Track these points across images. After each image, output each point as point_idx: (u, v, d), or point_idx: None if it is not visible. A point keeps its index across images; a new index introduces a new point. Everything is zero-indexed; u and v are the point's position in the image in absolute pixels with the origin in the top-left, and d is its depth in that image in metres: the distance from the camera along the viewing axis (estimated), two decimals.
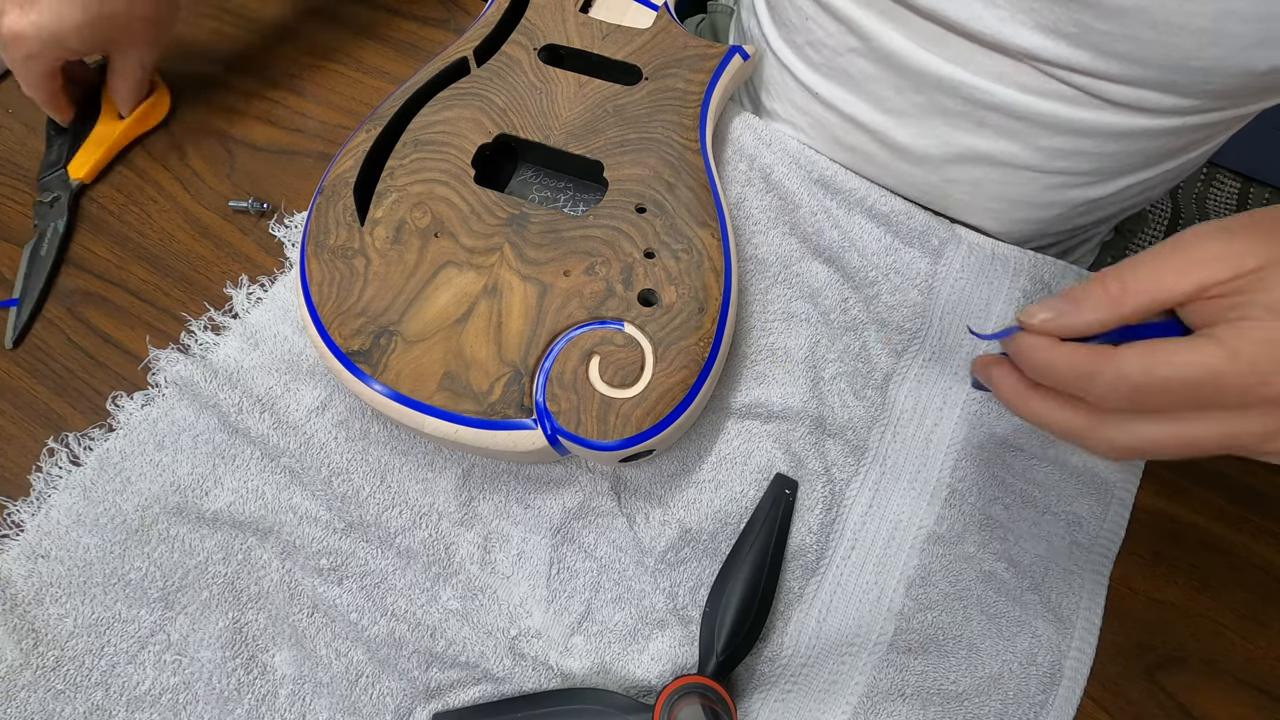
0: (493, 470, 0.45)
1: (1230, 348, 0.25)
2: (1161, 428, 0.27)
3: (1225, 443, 0.27)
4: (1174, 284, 0.27)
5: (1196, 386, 0.26)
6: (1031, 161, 0.48)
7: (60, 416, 0.47)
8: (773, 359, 0.47)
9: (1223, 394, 0.26)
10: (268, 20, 0.61)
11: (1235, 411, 0.26)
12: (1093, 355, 0.27)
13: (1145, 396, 0.27)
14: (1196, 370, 0.26)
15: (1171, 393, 0.26)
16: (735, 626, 0.39)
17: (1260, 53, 0.37)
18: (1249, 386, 0.25)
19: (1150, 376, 0.26)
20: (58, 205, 0.53)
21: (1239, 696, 0.41)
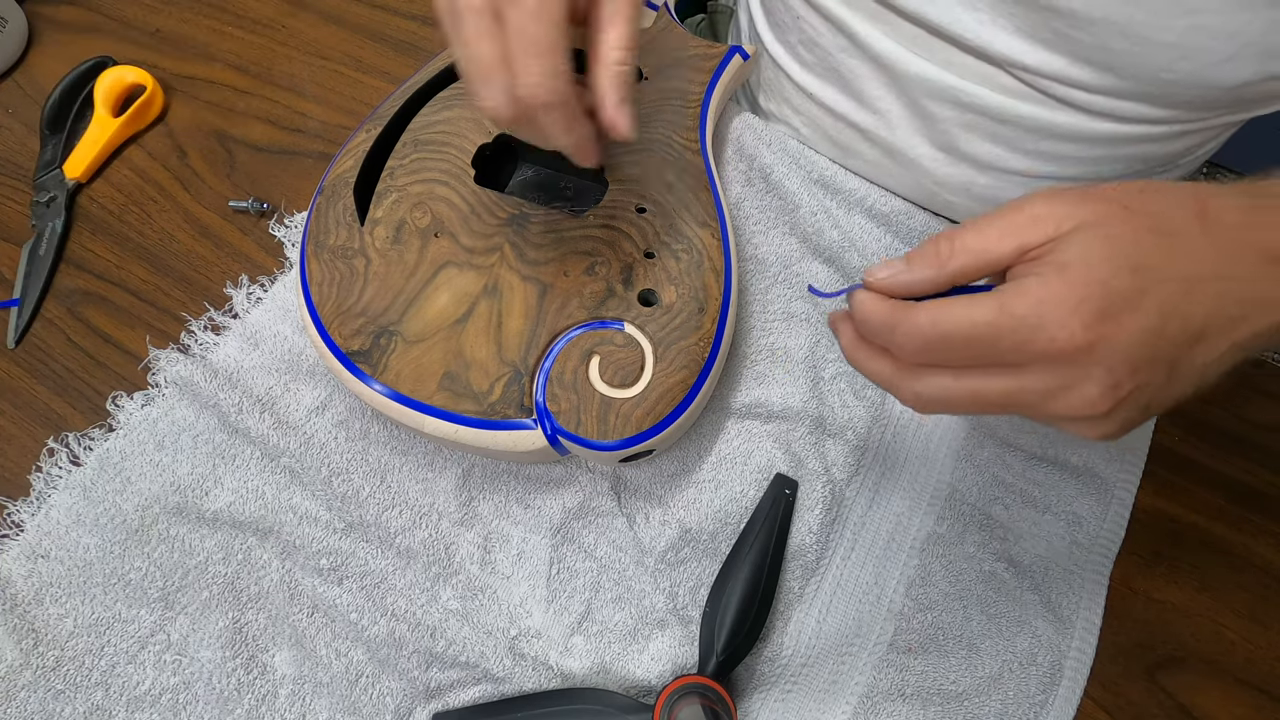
0: (493, 470, 0.45)
1: (1002, 302, 0.25)
2: (953, 381, 0.27)
3: (1007, 400, 0.27)
4: (996, 245, 0.27)
5: (973, 340, 0.26)
6: (1019, 165, 0.48)
7: (60, 416, 0.47)
8: (773, 359, 0.47)
9: (998, 349, 0.26)
10: (268, 20, 0.61)
11: (1015, 369, 0.26)
12: (894, 309, 0.28)
13: (934, 349, 0.27)
14: (970, 324, 0.26)
15: (954, 347, 0.26)
16: (735, 626, 0.39)
17: (1229, 68, 0.38)
18: (1021, 342, 0.25)
19: (935, 329, 0.26)
20: (55, 205, 0.53)
21: (1239, 696, 0.41)
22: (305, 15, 0.61)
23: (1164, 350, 0.26)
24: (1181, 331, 0.26)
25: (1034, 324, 0.25)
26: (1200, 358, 0.26)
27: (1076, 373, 0.25)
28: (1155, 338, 0.25)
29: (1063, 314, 0.25)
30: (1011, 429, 0.46)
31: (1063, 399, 0.26)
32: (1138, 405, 0.26)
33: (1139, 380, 0.26)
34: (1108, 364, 0.25)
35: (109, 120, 0.55)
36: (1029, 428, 0.46)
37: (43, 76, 0.59)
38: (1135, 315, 0.25)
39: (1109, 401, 0.26)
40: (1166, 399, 0.27)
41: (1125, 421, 0.27)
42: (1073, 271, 0.25)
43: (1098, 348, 0.25)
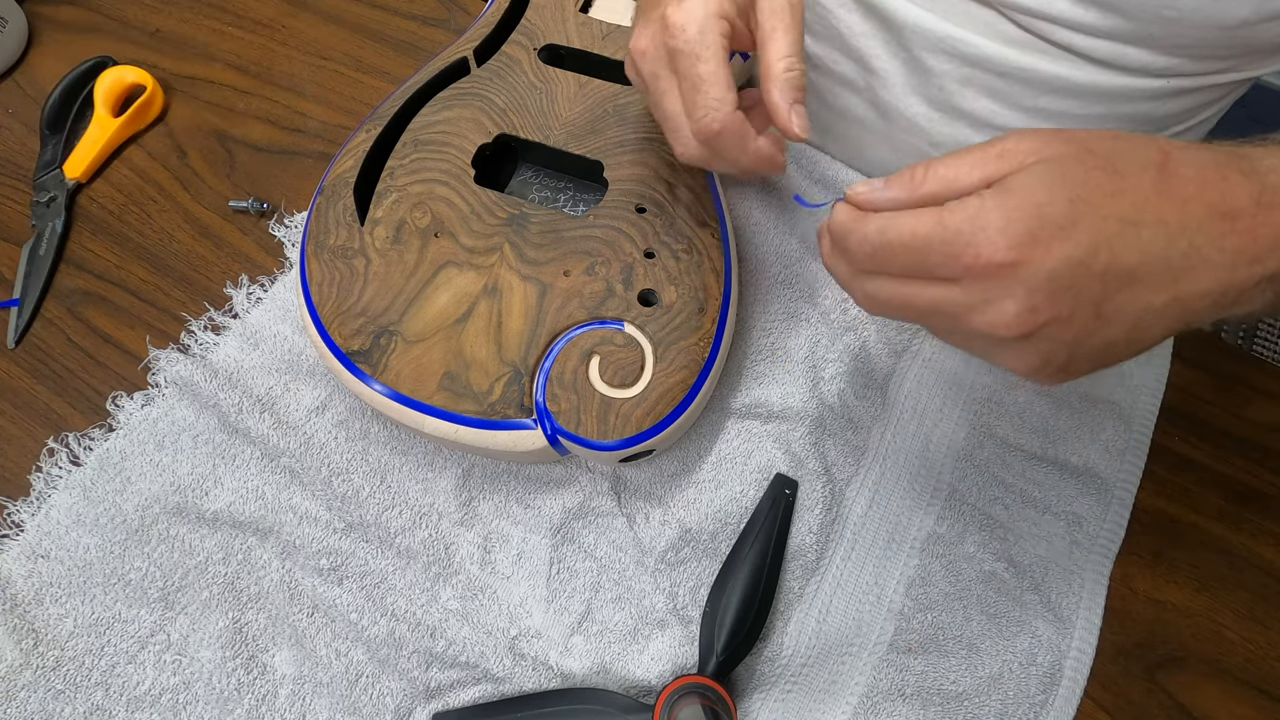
0: (493, 470, 0.45)
1: (940, 217, 0.27)
2: (894, 286, 0.29)
3: (934, 308, 0.28)
4: (966, 175, 0.28)
5: (910, 249, 0.27)
6: (1015, 123, 0.47)
7: (60, 416, 0.47)
8: (773, 359, 0.47)
9: (930, 259, 0.27)
10: (268, 20, 0.61)
11: (946, 282, 0.27)
12: (855, 217, 0.29)
13: (879, 256, 0.28)
14: (910, 234, 0.27)
15: (896, 255, 0.28)
16: (735, 626, 0.39)
17: (1229, 4, 0.38)
18: (951, 255, 0.26)
19: (880, 237, 0.28)
20: (54, 205, 0.53)
21: (1239, 696, 0.41)
22: (305, 15, 0.61)
23: (1088, 285, 0.26)
24: (1109, 269, 0.26)
25: (965, 239, 0.26)
26: (1132, 303, 0.26)
27: (997, 289, 0.26)
28: (1080, 268, 0.26)
29: (991, 232, 0.26)
30: (1012, 428, 0.46)
31: (981, 313, 0.27)
32: (1060, 340, 0.27)
33: (1059, 310, 0.26)
34: (1028, 285, 0.26)
35: (109, 120, 0.55)
36: (1030, 427, 0.46)
37: (43, 76, 0.59)
38: (1063, 243, 0.25)
39: (1025, 324, 0.26)
40: (1095, 343, 0.27)
41: (1048, 355, 0.27)
42: (1012, 195, 0.26)
43: (1020, 268, 0.26)
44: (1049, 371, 0.28)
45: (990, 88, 0.46)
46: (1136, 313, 0.27)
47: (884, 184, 0.30)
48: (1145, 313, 0.27)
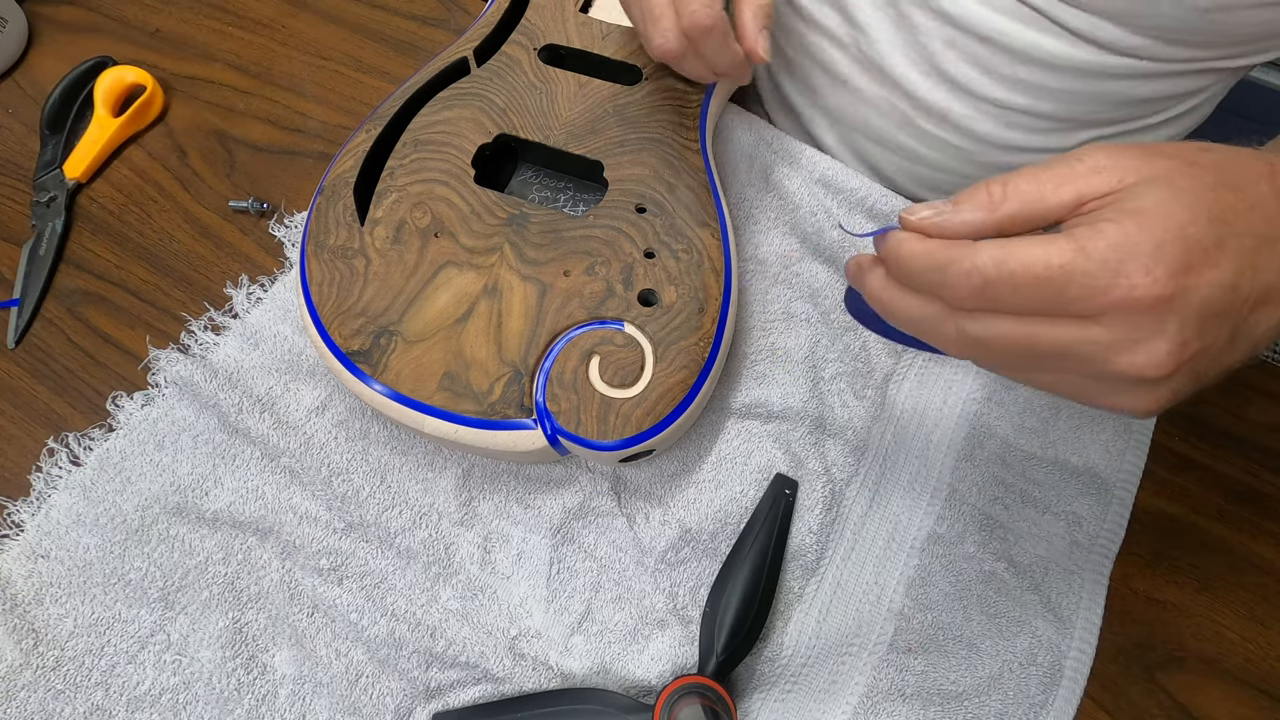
0: (493, 470, 0.45)
1: (1080, 244, 0.24)
2: (1009, 325, 0.25)
3: (1065, 350, 0.25)
4: (1053, 192, 0.25)
5: (1043, 282, 0.24)
6: (995, 94, 0.48)
7: (60, 416, 0.47)
8: (773, 359, 0.47)
9: (1068, 293, 0.24)
10: (268, 20, 0.61)
11: (1083, 320, 0.24)
12: (946, 247, 0.26)
13: (993, 292, 0.25)
14: (1044, 264, 0.24)
15: (1020, 288, 0.24)
16: (735, 626, 0.39)
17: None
18: (1095, 287, 0.23)
19: (1000, 269, 0.24)
20: (54, 205, 0.53)
21: (1239, 696, 0.41)
22: (305, 15, 0.61)
23: (1235, 310, 0.24)
24: (1251, 290, 0.24)
25: (1113, 268, 0.23)
26: (1261, 323, 0.25)
27: (1150, 324, 0.23)
28: (1230, 294, 0.24)
29: (1145, 259, 0.23)
30: (1012, 428, 0.46)
31: (1129, 354, 0.24)
32: (1194, 371, 0.25)
33: (1205, 340, 0.24)
34: (1182, 317, 0.23)
35: (109, 120, 0.55)
36: (1029, 427, 0.46)
37: (43, 76, 0.59)
38: (1213, 268, 0.23)
39: (1175, 361, 0.24)
40: (1220, 366, 0.25)
41: (1177, 391, 0.25)
42: (1149, 217, 0.23)
43: (1176, 299, 0.23)
44: (1162, 405, 0.26)
45: (972, 53, 0.47)
46: (1261, 332, 0.25)
47: (953, 206, 0.26)
48: (1267, 330, 0.25)
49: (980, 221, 0.26)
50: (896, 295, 0.28)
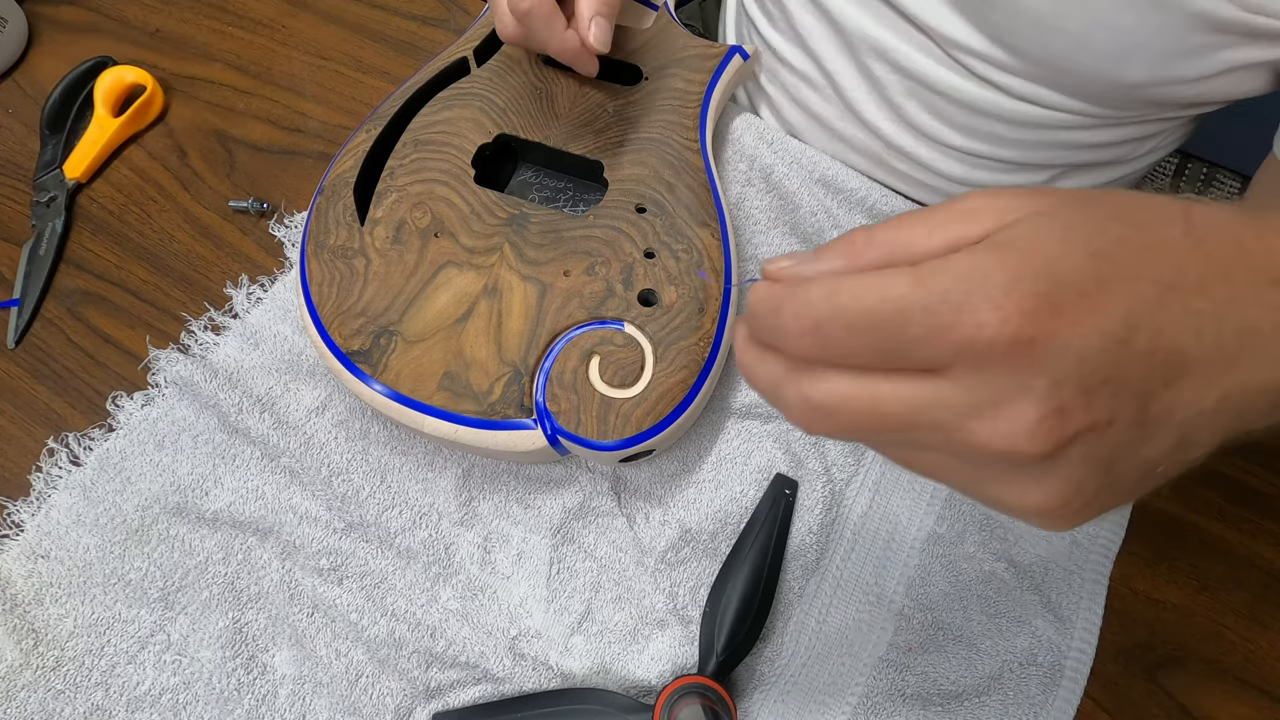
0: (493, 470, 0.45)
1: (920, 274, 0.19)
2: (851, 385, 0.20)
3: (915, 416, 0.19)
4: (924, 238, 0.20)
5: (878, 321, 0.19)
6: (955, 141, 0.49)
7: (60, 416, 0.47)
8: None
9: (908, 333, 0.19)
10: (268, 20, 0.61)
11: (928, 375, 0.19)
12: (785, 287, 0.21)
13: (827, 334, 0.20)
14: (877, 299, 0.19)
15: (854, 329, 0.19)
16: (735, 626, 0.39)
17: (1123, 67, 0.39)
18: (936, 325, 0.18)
19: (830, 304, 0.20)
20: (54, 205, 0.53)
21: (1239, 696, 0.41)
22: (305, 15, 0.61)
23: (1132, 373, 0.18)
24: (1155, 351, 0.18)
25: (955, 302, 0.18)
26: (1183, 403, 0.19)
27: (1011, 382, 0.18)
28: (1119, 349, 0.18)
29: (994, 291, 0.18)
30: None
31: (989, 421, 0.18)
32: (1096, 460, 0.19)
33: (1095, 414, 0.18)
34: (1053, 374, 0.18)
35: (109, 120, 0.55)
36: None
37: (43, 76, 0.59)
38: (1092, 313, 0.18)
39: (1052, 436, 0.18)
40: (1135, 464, 0.20)
41: (1080, 485, 0.19)
42: (1011, 248, 0.19)
43: (1039, 347, 0.18)
44: (1074, 508, 0.20)
45: (929, 103, 0.48)
46: (1187, 416, 0.19)
47: (813, 255, 0.22)
48: (1196, 416, 0.19)
49: (840, 270, 0.21)
50: (752, 354, 0.23)
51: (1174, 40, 0.37)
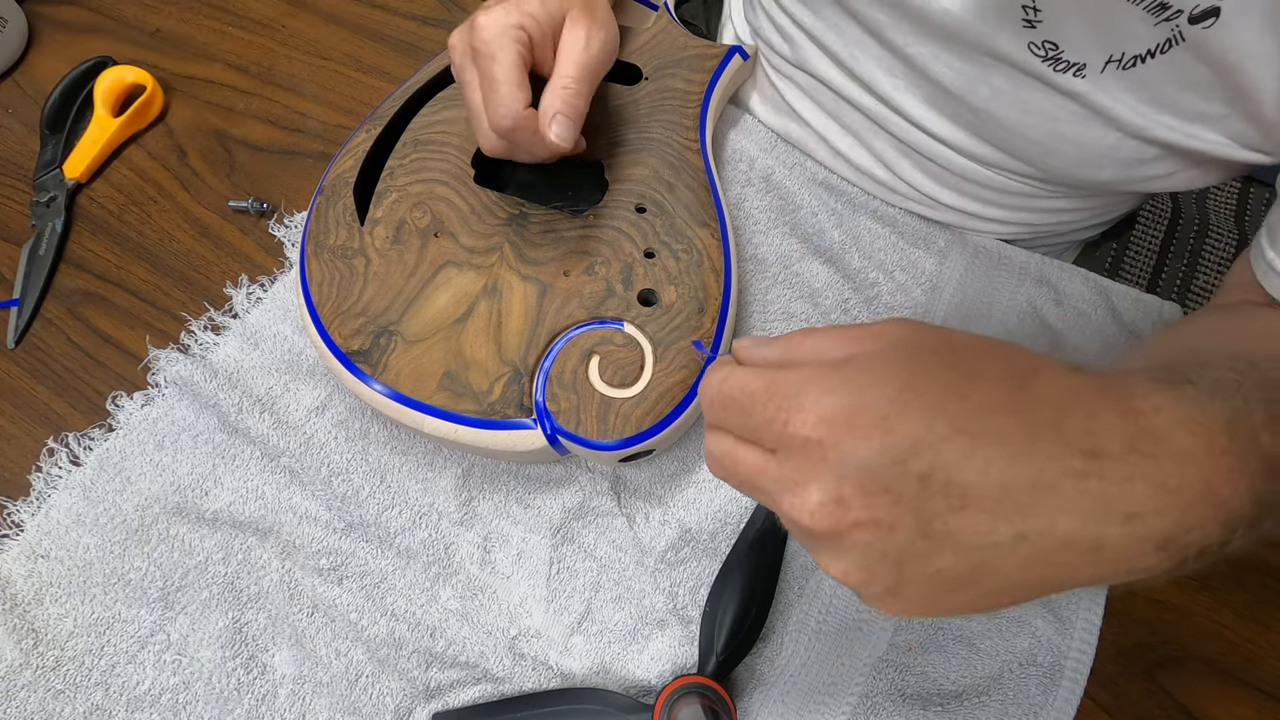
0: (493, 470, 0.45)
1: (775, 375, 0.25)
2: (726, 443, 0.26)
3: (754, 477, 0.25)
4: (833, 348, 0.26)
5: (739, 404, 0.25)
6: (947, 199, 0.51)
7: (60, 416, 0.47)
8: None
9: (754, 418, 0.25)
10: (268, 20, 0.61)
11: (766, 451, 0.25)
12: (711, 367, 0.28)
13: (717, 408, 0.26)
14: (741, 388, 0.25)
15: (728, 408, 0.26)
16: (735, 626, 0.39)
17: (1091, 170, 0.42)
18: (767, 417, 0.24)
19: (719, 388, 0.26)
20: (54, 205, 0.53)
21: (1239, 696, 0.41)
22: (305, 15, 0.61)
23: (907, 489, 0.22)
24: (931, 476, 0.22)
25: (779, 402, 0.24)
26: (969, 530, 0.22)
27: (807, 469, 0.23)
28: (895, 467, 0.22)
29: (805, 400, 0.23)
30: None
31: (790, 494, 0.24)
32: (881, 552, 0.23)
33: (876, 513, 0.22)
34: (836, 472, 0.23)
35: (109, 120, 0.55)
36: None
37: (43, 76, 0.59)
38: (881, 434, 0.22)
39: (830, 518, 0.23)
40: (928, 570, 0.23)
41: (869, 569, 0.23)
42: (842, 370, 0.24)
43: (829, 449, 0.23)
44: (876, 590, 0.24)
45: (921, 165, 0.49)
46: (976, 543, 0.22)
47: (766, 342, 0.28)
48: (987, 545, 0.22)
49: (773, 359, 0.27)
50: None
51: (1133, 152, 0.40)
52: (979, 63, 0.40)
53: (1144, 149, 0.40)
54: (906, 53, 0.42)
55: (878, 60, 0.44)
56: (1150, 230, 0.80)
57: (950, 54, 0.41)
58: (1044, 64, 0.38)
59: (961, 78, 0.41)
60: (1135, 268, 0.79)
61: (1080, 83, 0.38)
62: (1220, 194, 0.83)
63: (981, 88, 0.41)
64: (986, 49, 0.39)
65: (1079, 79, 0.37)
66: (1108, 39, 0.35)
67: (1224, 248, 0.79)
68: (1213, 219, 0.81)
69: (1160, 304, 0.50)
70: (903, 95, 0.45)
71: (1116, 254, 0.75)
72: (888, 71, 0.45)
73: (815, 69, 0.49)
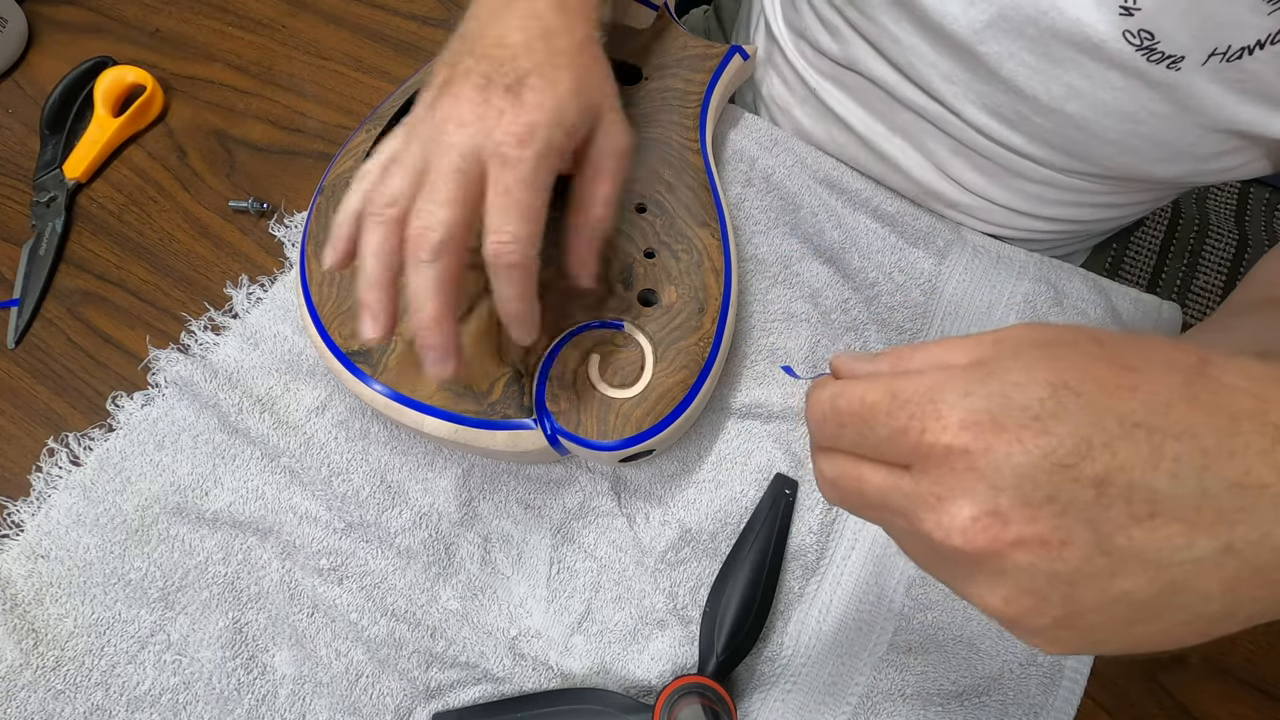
0: (493, 470, 0.45)
1: (894, 383, 0.22)
2: (845, 464, 0.24)
3: (884, 497, 0.23)
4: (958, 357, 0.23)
5: (858, 418, 0.23)
6: (999, 197, 0.50)
7: (60, 416, 0.47)
8: (773, 359, 0.47)
9: (878, 432, 0.22)
10: (268, 20, 0.61)
11: (895, 467, 0.22)
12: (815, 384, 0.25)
13: (827, 426, 0.24)
14: (860, 401, 0.23)
15: (845, 425, 0.23)
16: (735, 626, 0.39)
17: (1163, 166, 0.41)
18: (898, 428, 0.22)
19: (833, 403, 0.24)
20: (54, 205, 0.53)
21: (1239, 696, 0.41)
22: (305, 15, 0.61)
23: (1078, 497, 0.19)
24: (1108, 481, 0.19)
25: (910, 410, 0.21)
26: (1159, 543, 0.19)
27: (953, 482, 0.20)
28: (1062, 471, 0.19)
29: (942, 405, 0.21)
30: None
31: (934, 512, 0.21)
32: (1048, 573, 0.20)
33: (1040, 528, 0.19)
34: (992, 483, 0.20)
35: (109, 120, 0.55)
36: None
37: (43, 76, 0.59)
38: (1038, 435, 0.19)
39: (987, 535, 0.20)
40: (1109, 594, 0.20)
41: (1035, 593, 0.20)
42: (977, 370, 0.21)
43: (978, 457, 0.20)
44: (1044, 622, 0.21)
45: (975, 163, 0.49)
46: (1170, 559, 0.19)
47: (870, 357, 0.25)
48: (1186, 562, 0.19)
49: (884, 372, 0.24)
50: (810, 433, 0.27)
51: (1214, 145, 0.39)
52: (1058, 59, 0.39)
53: (1225, 141, 0.39)
54: (978, 50, 0.40)
55: (934, 66, 0.44)
56: (1150, 230, 0.80)
57: (1027, 50, 0.39)
58: (1138, 53, 0.36)
59: (1037, 75, 0.40)
60: (1135, 268, 0.79)
61: (1174, 74, 0.36)
62: (1220, 194, 0.83)
63: (1056, 86, 0.40)
64: (1075, 39, 0.37)
65: (1173, 70, 0.36)
66: (1215, 30, 0.34)
67: (1224, 248, 0.79)
68: (1213, 219, 0.81)
69: (1160, 304, 0.50)
70: (960, 102, 0.44)
71: (1116, 254, 0.76)
72: (945, 78, 0.44)
73: (867, 68, 0.48)
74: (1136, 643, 0.21)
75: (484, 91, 0.32)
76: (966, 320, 0.49)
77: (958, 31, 0.40)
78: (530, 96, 0.32)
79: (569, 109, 0.33)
